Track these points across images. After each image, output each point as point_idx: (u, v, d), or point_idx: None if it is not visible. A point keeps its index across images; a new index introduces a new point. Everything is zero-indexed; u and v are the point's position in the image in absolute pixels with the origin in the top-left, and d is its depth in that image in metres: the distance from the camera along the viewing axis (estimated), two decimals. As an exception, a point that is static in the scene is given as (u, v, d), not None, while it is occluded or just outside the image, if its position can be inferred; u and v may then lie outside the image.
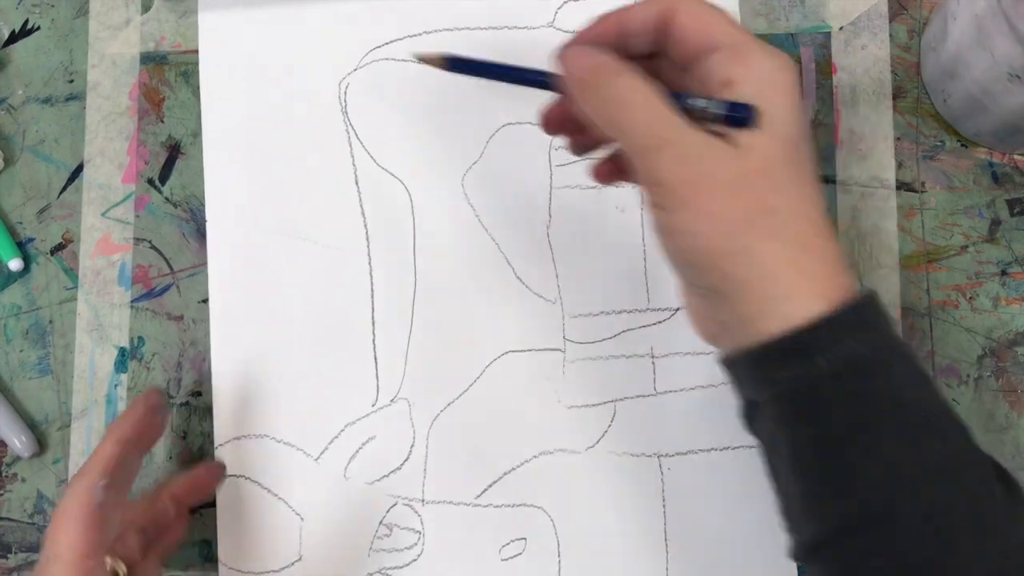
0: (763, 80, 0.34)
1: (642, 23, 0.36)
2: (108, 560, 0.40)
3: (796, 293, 0.32)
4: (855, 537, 0.32)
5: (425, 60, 0.39)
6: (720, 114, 0.34)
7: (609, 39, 0.36)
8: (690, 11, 0.35)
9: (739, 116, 0.33)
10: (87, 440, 0.49)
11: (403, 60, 0.50)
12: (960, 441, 0.33)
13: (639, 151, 0.34)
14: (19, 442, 0.48)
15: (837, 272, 0.33)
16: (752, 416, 0.36)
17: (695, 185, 0.33)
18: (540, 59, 0.50)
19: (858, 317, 0.33)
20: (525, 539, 0.47)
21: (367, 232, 0.49)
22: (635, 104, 0.34)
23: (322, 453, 0.48)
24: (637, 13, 0.36)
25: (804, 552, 0.34)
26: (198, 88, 0.50)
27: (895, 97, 0.50)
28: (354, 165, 0.49)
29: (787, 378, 0.33)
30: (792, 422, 0.33)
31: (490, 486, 0.47)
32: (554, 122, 0.40)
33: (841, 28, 0.50)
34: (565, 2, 0.50)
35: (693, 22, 0.35)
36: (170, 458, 0.48)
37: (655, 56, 0.37)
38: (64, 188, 0.50)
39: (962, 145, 0.49)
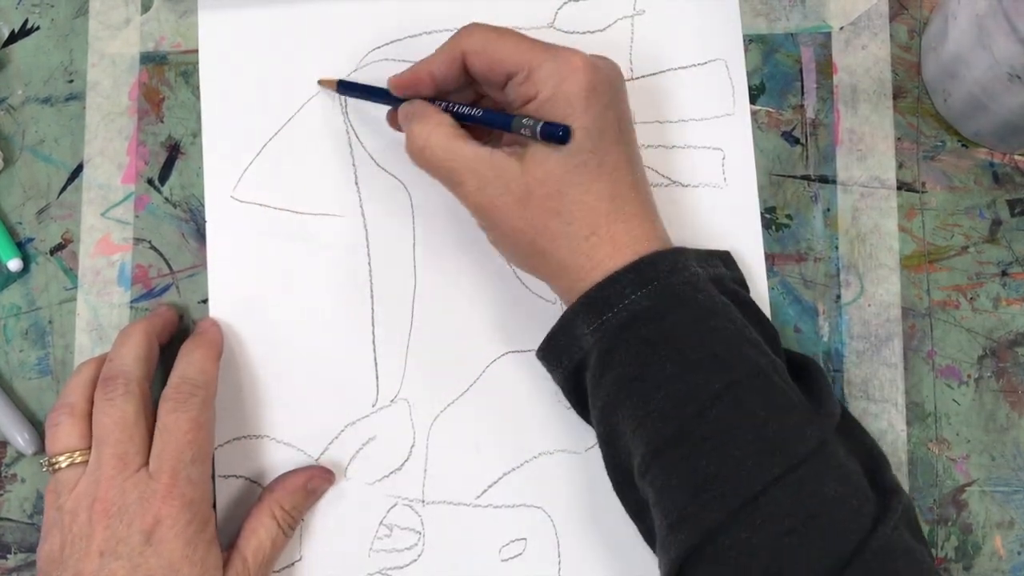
0: (548, 95, 0.40)
1: (446, 69, 0.43)
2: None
3: (587, 274, 0.40)
4: (660, 459, 0.38)
5: (323, 83, 0.49)
6: (537, 133, 0.40)
7: (427, 86, 0.44)
8: (475, 50, 0.42)
9: (554, 134, 0.39)
10: (87, 440, 0.49)
11: (403, 60, 0.50)
12: (741, 365, 0.39)
13: (447, 185, 0.43)
14: (21, 439, 0.48)
15: (629, 244, 0.40)
16: (572, 384, 0.43)
17: (493, 207, 0.41)
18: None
19: (639, 275, 0.40)
20: (525, 539, 0.47)
21: (367, 232, 0.49)
22: (433, 146, 0.42)
23: (322, 453, 0.48)
24: (438, 62, 0.43)
25: (633, 478, 0.40)
26: (198, 88, 0.50)
27: (895, 97, 0.49)
28: (354, 165, 0.49)
29: (587, 334, 0.40)
30: (602, 369, 0.40)
31: (490, 486, 0.47)
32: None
33: (841, 28, 0.50)
34: (565, 2, 0.50)
35: (480, 60, 0.42)
36: (170, 458, 0.48)
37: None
38: (64, 188, 0.50)
39: (962, 145, 0.49)
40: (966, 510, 0.47)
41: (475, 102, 0.45)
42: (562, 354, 0.42)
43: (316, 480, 0.46)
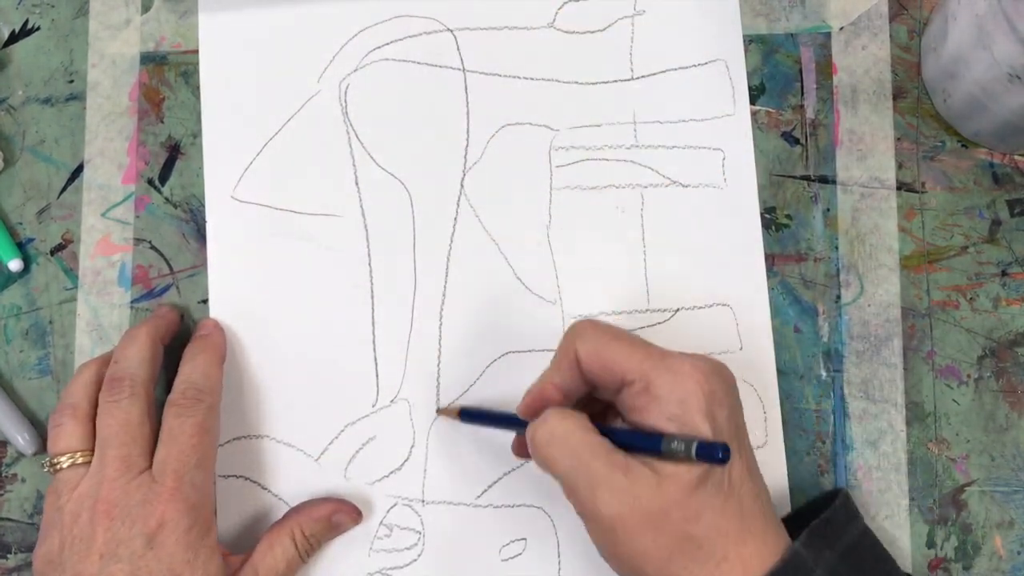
0: (672, 412, 0.38)
1: (569, 375, 0.41)
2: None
3: None
4: None
5: (443, 413, 0.47)
6: (693, 455, 0.37)
7: (555, 399, 0.41)
8: (588, 352, 0.40)
9: (713, 456, 0.37)
10: (87, 440, 0.49)
11: (403, 60, 0.50)
12: None
13: (574, 488, 0.39)
14: (22, 439, 0.48)
15: (759, 565, 0.38)
16: None
17: (624, 520, 0.37)
18: (539, 60, 0.50)
19: None
20: (525, 539, 0.47)
21: (367, 232, 0.49)
22: (569, 446, 0.39)
23: (322, 453, 0.48)
24: (560, 370, 0.41)
25: None
26: (198, 88, 0.50)
27: (895, 97, 0.49)
28: (354, 165, 0.49)
29: None
30: None
31: (490, 486, 0.47)
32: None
33: (841, 28, 0.50)
34: (565, 2, 0.50)
35: (594, 364, 0.40)
36: (170, 458, 0.48)
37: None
38: (64, 188, 0.50)
39: (962, 145, 0.49)
40: (966, 510, 0.47)
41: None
42: None
43: (342, 515, 0.46)
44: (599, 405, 0.43)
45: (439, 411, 0.47)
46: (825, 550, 0.39)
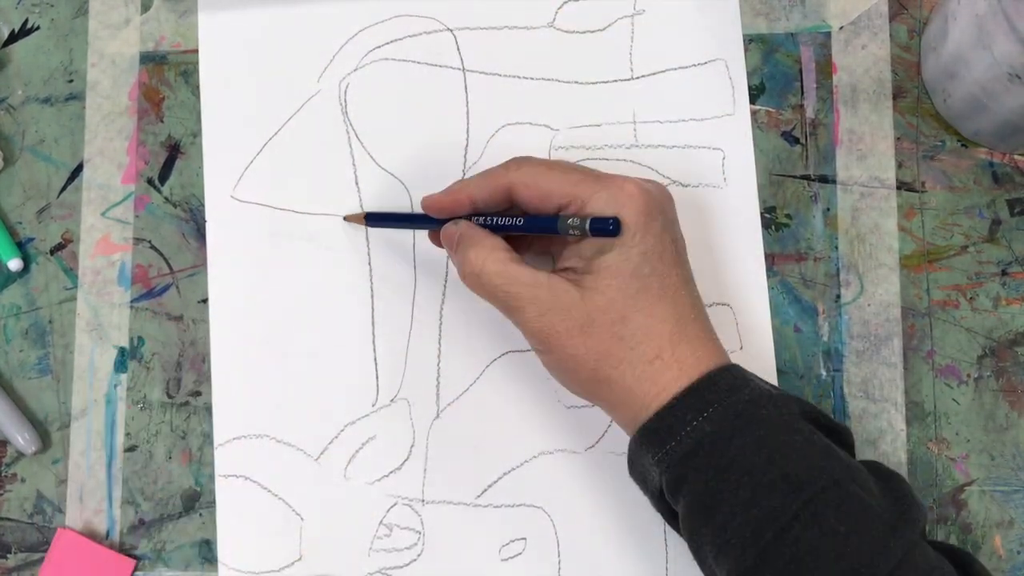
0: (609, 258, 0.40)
1: (487, 195, 0.42)
2: None
3: (653, 399, 0.39)
4: None
5: (349, 219, 0.48)
6: (586, 230, 0.39)
7: (465, 209, 0.43)
8: (524, 183, 0.41)
9: (604, 228, 0.39)
10: (87, 440, 0.49)
11: (403, 60, 0.50)
12: (816, 479, 0.37)
13: (504, 310, 0.41)
14: (22, 439, 0.48)
15: (695, 365, 0.39)
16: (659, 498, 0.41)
17: (553, 333, 0.40)
18: (539, 59, 0.50)
19: (699, 399, 0.39)
20: (525, 539, 0.47)
21: (367, 232, 0.49)
22: (490, 271, 0.41)
23: (322, 453, 0.48)
24: (480, 187, 0.42)
25: None
26: (198, 88, 0.50)
27: (895, 97, 0.49)
28: (354, 165, 0.49)
29: (656, 462, 0.39)
30: (674, 497, 0.39)
31: (490, 486, 0.47)
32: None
33: (841, 28, 0.50)
34: (565, 2, 0.50)
35: (530, 193, 0.41)
36: (170, 458, 0.48)
37: None
38: (64, 188, 0.50)
39: (962, 145, 0.49)
40: (965, 510, 0.47)
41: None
42: (641, 482, 0.41)
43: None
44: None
45: (345, 217, 0.48)
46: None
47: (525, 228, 0.42)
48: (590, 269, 0.40)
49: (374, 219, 0.48)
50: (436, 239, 0.46)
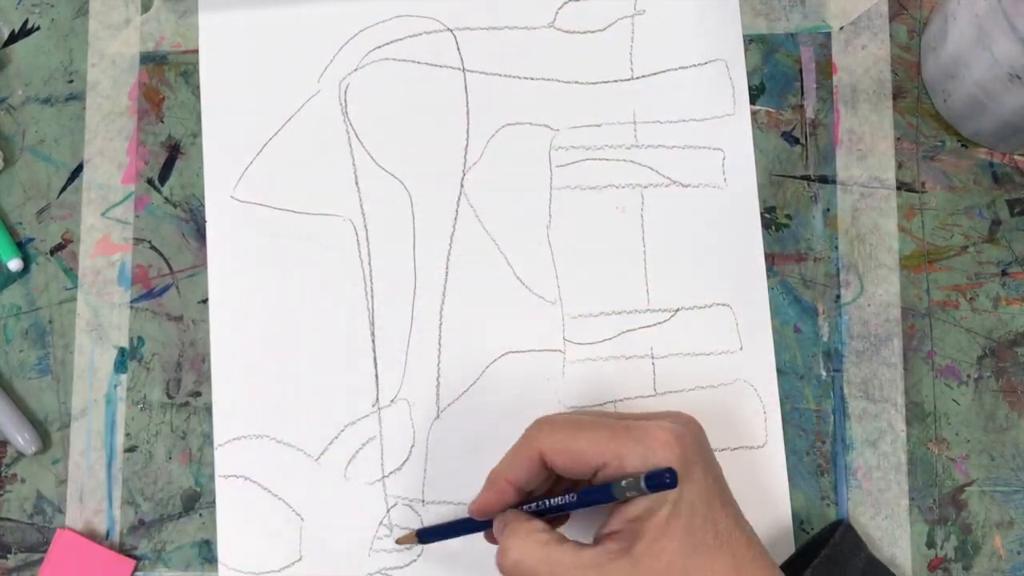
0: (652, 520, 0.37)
1: (525, 473, 0.40)
2: None
3: None
4: None
5: (402, 542, 0.46)
6: (644, 489, 0.37)
7: (510, 496, 0.41)
8: (554, 449, 0.39)
9: (662, 481, 0.36)
10: (87, 440, 0.49)
11: (403, 60, 0.50)
12: None
13: None
14: (22, 439, 0.48)
15: None
16: None
17: None
18: (540, 60, 0.50)
19: None
20: (525, 539, 0.47)
21: (367, 232, 0.49)
22: (528, 559, 0.38)
23: (322, 453, 0.48)
24: (515, 467, 0.40)
25: None
26: (198, 88, 0.50)
27: (895, 97, 0.49)
28: (354, 165, 0.49)
29: None
30: None
31: (490, 486, 0.47)
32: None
33: (841, 28, 0.50)
34: (565, 2, 0.50)
35: (561, 458, 0.39)
36: (170, 458, 0.48)
37: None
38: (64, 188, 0.50)
39: (962, 145, 0.49)
40: (966, 510, 0.47)
41: (565, 488, 0.42)
42: None
43: None
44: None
45: (398, 541, 0.46)
46: None
47: (581, 504, 0.39)
48: (639, 533, 0.38)
49: (428, 535, 0.46)
50: (492, 538, 0.44)
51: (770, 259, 0.49)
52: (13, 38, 0.52)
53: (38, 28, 0.52)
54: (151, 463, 0.49)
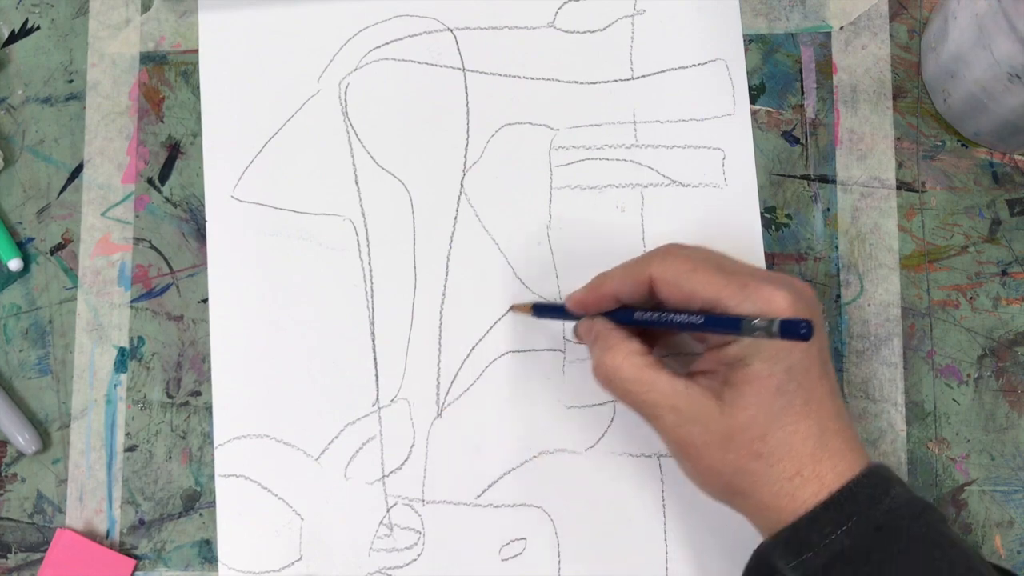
0: (749, 338, 0.38)
1: (630, 291, 0.41)
2: None
3: (790, 514, 0.38)
4: None
5: (516, 309, 0.48)
6: (775, 333, 0.35)
7: (609, 305, 0.42)
8: (666, 280, 0.40)
9: (795, 332, 0.35)
10: (87, 440, 0.49)
11: (403, 60, 0.50)
12: None
13: (638, 413, 0.40)
14: (22, 439, 0.48)
15: (835, 480, 0.38)
16: None
17: (690, 445, 0.39)
18: (540, 59, 0.50)
19: (839, 511, 0.37)
20: (525, 539, 0.47)
21: (367, 232, 0.49)
22: (624, 377, 0.40)
23: (322, 453, 0.48)
24: (624, 282, 0.41)
25: None
26: (198, 88, 0.50)
27: (895, 97, 0.49)
28: (354, 165, 0.49)
29: (791, 568, 0.38)
30: None
31: (490, 486, 0.47)
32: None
33: (841, 28, 0.50)
34: (565, 2, 0.50)
35: (671, 291, 0.40)
36: (170, 458, 0.48)
37: None
38: (64, 188, 0.50)
39: (962, 145, 0.49)
40: (965, 510, 0.47)
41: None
42: (763, 573, 0.40)
43: None
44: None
45: (513, 307, 0.48)
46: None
47: (704, 327, 0.38)
48: (730, 380, 0.38)
49: (540, 310, 0.47)
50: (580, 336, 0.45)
51: (770, 259, 0.49)
52: (13, 38, 0.52)
53: (38, 28, 0.52)
54: (151, 463, 0.49)
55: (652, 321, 0.40)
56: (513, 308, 0.48)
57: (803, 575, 0.38)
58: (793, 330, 0.35)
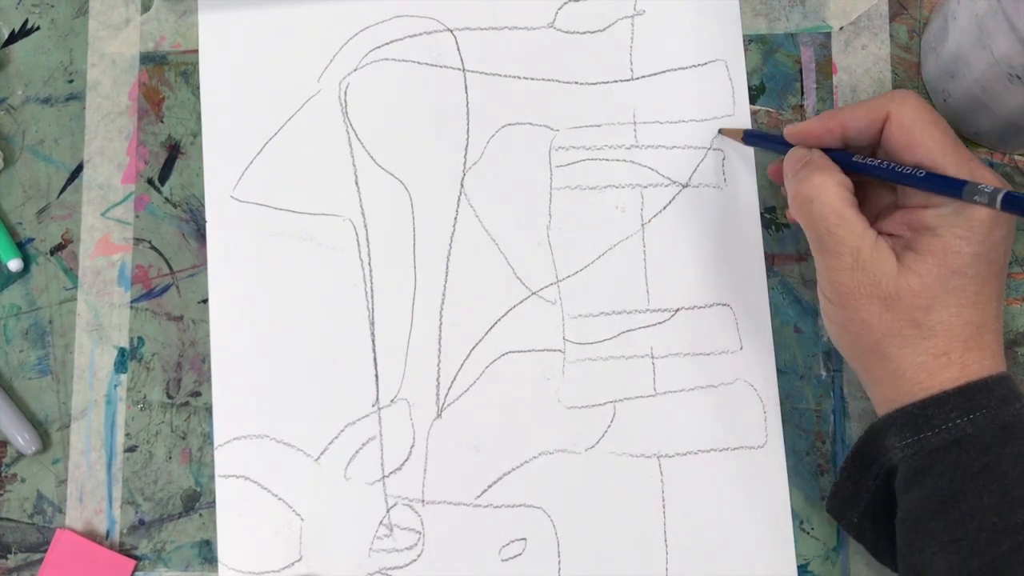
0: (952, 210, 0.38)
1: (864, 126, 0.41)
2: None
3: (921, 389, 0.39)
4: None
5: (725, 133, 0.48)
6: (997, 203, 0.36)
7: (835, 138, 0.42)
8: (902, 123, 0.40)
9: (1020, 207, 0.36)
10: (87, 440, 0.49)
11: (403, 60, 0.50)
12: None
13: (817, 247, 0.40)
14: (22, 439, 0.48)
15: (977, 372, 0.39)
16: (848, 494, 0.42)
17: (854, 293, 0.39)
18: (540, 60, 0.50)
19: (969, 400, 0.38)
20: (525, 539, 0.47)
21: (367, 232, 0.49)
22: (825, 203, 0.40)
23: (322, 453, 0.48)
24: (858, 115, 0.41)
25: None
26: (198, 88, 0.50)
27: (895, 97, 0.49)
28: (354, 165, 0.49)
29: (898, 448, 0.39)
30: (908, 484, 0.39)
31: (490, 486, 0.47)
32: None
33: (841, 28, 0.50)
34: (565, 2, 0.50)
35: (901, 135, 0.40)
36: (170, 458, 0.48)
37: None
38: (64, 188, 0.50)
39: (962, 145, 0.49)
40: (966, 510, 0.47)
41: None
42: (865, 457, 0.41)
43: None
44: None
45: (721, 131, 0.48)
46: None
47: (924, 183, 0.39)
48: (915, 246, 0.39)
49: (751, 137, 0.47)
50: (777, 174, 0.46)
51: (770, 259, 0.49)
52: (13, 38, 0.52)
53: (38, 28, 0.52)
54: (151, 463, 0.49)
55: (870, 167, 0.40)
56: (721, 132, 0.48)
57: (914, 454, 0.38)
58: (1017, 204, 0.35)
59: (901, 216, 0.41)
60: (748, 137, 0.47)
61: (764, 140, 0.47)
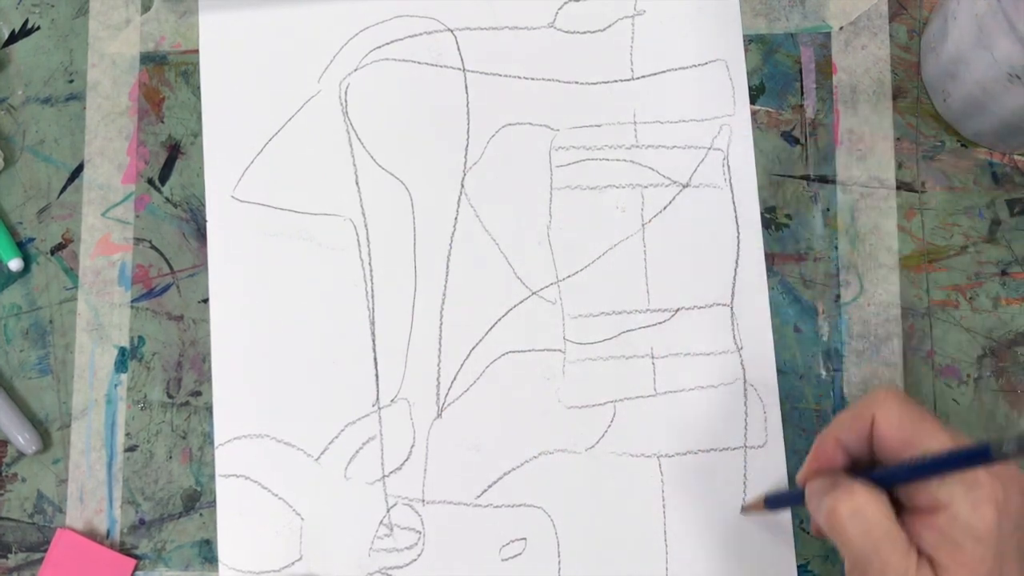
0: (955, 512, 0.36)
1: (856, 435, 0.39)
2: None
3: None
4: None
5: (748, 508, 0.46)
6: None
7: (838, 457, 0.40)
8: (889, 423, 0.38)
9: None
10: (87, 440, 0.49)
11: (403, 60, 0.50)
12: None
13: (862, 570, 0.37)
14: (22, 439, 0.48)
15: None
16: None
17: None
18: (540, 60, 0.50)
19: None
20: (525, 539, 0.47)
21: (368, 232, 0.49)
22: (871, 529, 0.37)
23: (322, 453, 0.48)
24: (845, 426, 0.39)
25: None
26: (198, 88, 0.50)
27: (895, 97, 0.50)
28: (354, 165, 0.49)
29: None
30: None
31: (490, 486, 0.47)
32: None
33: (841, 28, 0.50)
34: (565, 2, 0.50)
35: (892, 436, 0.38)
36: (170, 458, 0.48)
37: None
38: (64, 188, 0.50)
39: (962, 145, 0.49)
40: (966, 510, 0.47)
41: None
42: None
43: None
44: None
45: (744, 508, 0.46)
46: None
47: (947, 464, 0.36)
48: (939, 559, 0.36)
49: (772, 502, 0.45)
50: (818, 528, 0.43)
51: (770, 259, 0.49)
52: (13, 38, 0.52)
53: (38, 28, 0.52)
54: (151, 463, 0.49)
55: (893, 474, 0.38)
56: (744, 510, 0.46)
57: None
58: None
59: (918, 523, 0.38)
60: (770, 503, 0.45)
61: (786, 499, 0.45)
